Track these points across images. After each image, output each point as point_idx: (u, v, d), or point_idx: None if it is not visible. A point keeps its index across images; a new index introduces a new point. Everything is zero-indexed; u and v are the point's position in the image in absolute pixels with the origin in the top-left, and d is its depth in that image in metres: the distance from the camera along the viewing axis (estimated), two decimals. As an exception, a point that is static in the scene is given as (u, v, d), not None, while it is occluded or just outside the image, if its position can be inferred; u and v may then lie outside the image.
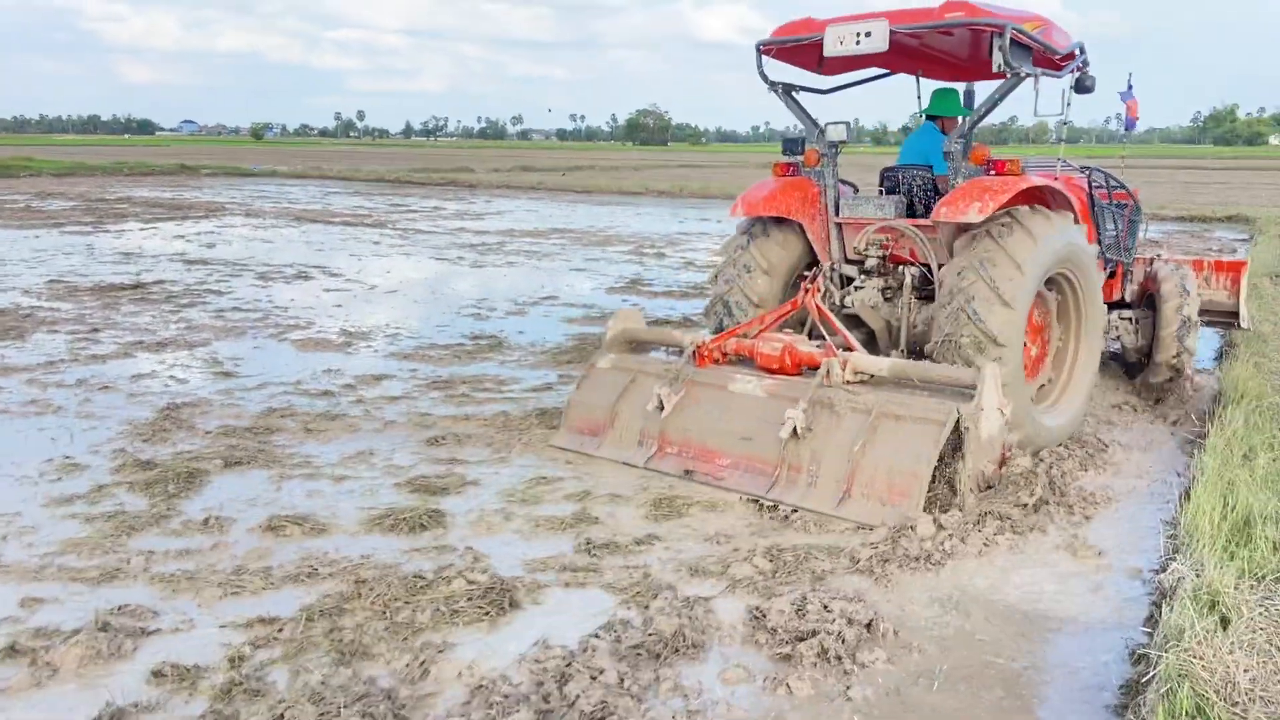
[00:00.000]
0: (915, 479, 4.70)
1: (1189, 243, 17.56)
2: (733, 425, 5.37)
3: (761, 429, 5.23)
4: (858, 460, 4.87)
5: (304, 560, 4.28)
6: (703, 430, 5.47)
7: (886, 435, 4.89)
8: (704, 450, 5.44)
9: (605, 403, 5.85)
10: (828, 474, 4.94)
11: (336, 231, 19.52)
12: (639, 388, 5.81)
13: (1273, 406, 6.11)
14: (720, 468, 5.32)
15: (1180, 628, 3.33)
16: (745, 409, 5.40)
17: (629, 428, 5.73)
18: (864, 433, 4.92)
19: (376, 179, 40.63)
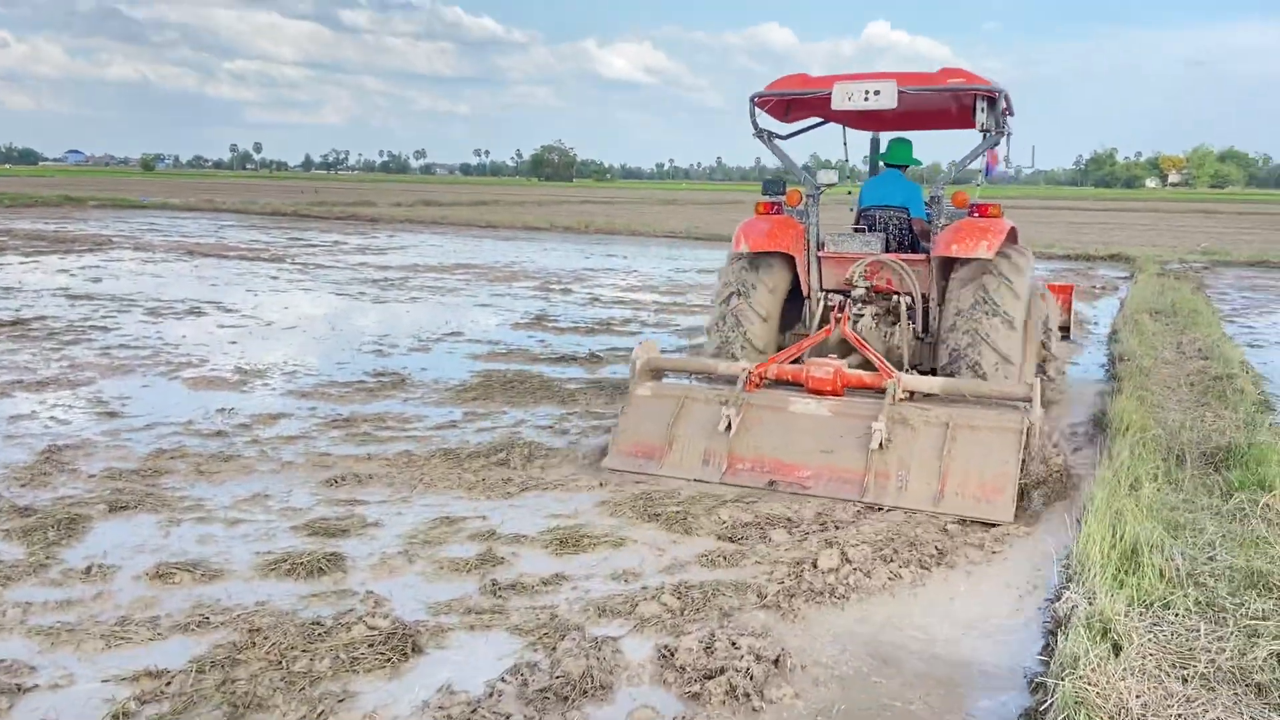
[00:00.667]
0: (1007, 479, 5.42)
1: (1074, 280, 18.38)
2: (806, 441, 5.89)
3: (840, 443, 5.80)
4: (947, 465, 5.52)
5: (194, 609, 4.09)
6: (775, 447, 5.93)
7: (968, 443, 5.58)
8: (780, 464, 5.88)
9: (658, 427, 6.21)
10: (918, 478, 5.56)
11: (231, 266, 18.97)
12: (691, 412, 6.22)
13: (1155, 438, 6.40)
14: (804, 478, 5.79)
15: (1075, 655, 3.43)
16: (815, 427, 5.94)
17: (691, 449, 6.09)
18: (946, 442, 5.58)
19: (274, 212, 39.70)
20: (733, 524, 5.23)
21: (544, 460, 6.43)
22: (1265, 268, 21.81)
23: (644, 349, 6.71)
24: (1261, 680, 3.41)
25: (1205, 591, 4.15)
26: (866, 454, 5.70)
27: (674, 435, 6.16)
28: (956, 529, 5.21)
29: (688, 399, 6.32)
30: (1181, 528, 4.91)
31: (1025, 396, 5.84)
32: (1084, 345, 11.59)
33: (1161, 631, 3.74)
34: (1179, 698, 3.24)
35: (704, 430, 6.12)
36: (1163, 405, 7.59)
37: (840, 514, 5.40)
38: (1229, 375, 8.54)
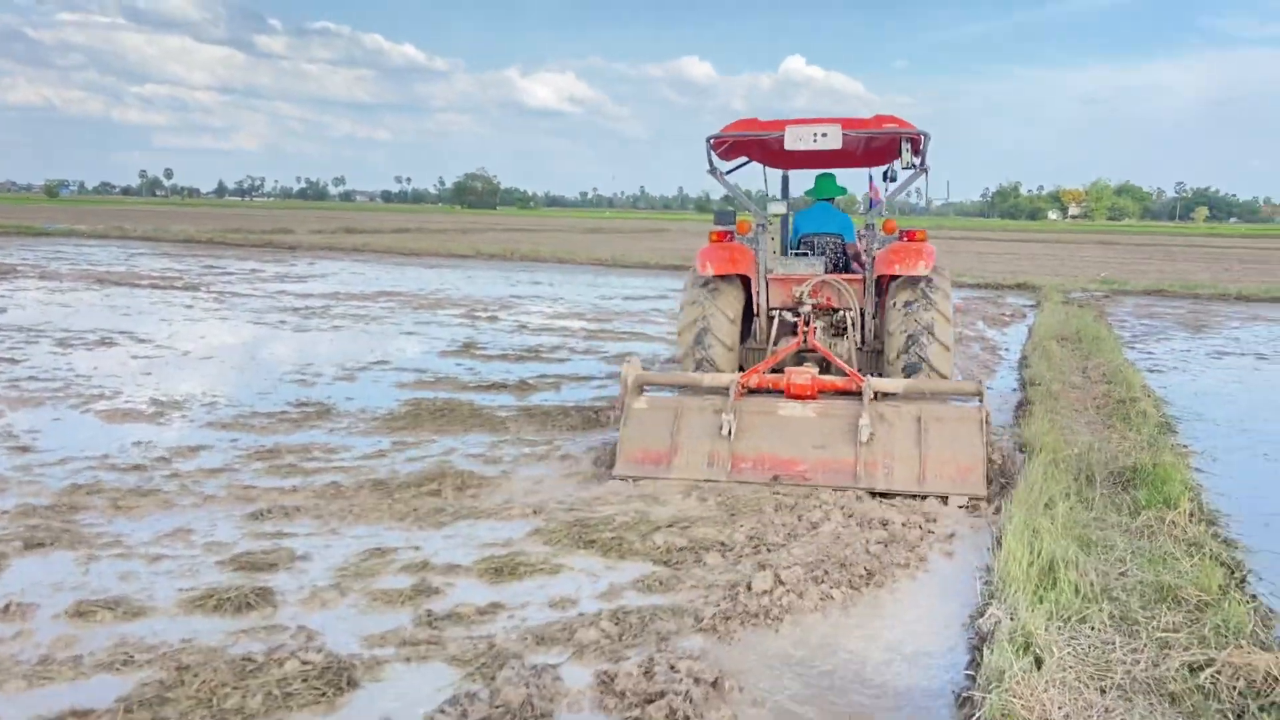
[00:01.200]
0: (977, 459, 6.31)
1: (985, 307, 19.03)
2: (800, 439, 6.57)
3: (830, 439, 6.53)
4: (925, 453, 6.35)
5: (118, 647, 3.97)
6: (773, 445, 6.58)
7: (939, 433, 6.42)
8: (780, 460, 6.54)
9: (661, 435, 6.71)
10: (902, 465, 6.36)
11: (144, 295, 18.43)
12: (689, 420, 6.75)
13: (1067, 459, 6.67)
14: (803, 471, 6.46)
15: (1000, 669, 3.57)
16: (805, 427, 6.64)
17: (695, 452, 6.63)
18: (921, 433, 6.41)
19: (187, 239, 38.68)
20: (667, 549, 5.28)
21: (476, 489, 6.41)
22: (1161, 296, 22.86)
23: (631, 367, 7.09)
24: (1175, 690, 3.59)
25: (1119, 605, 4.34)
26: (855, 447, 6.44)
27: (678, 442, 6.66)
28: (881, 549, 5.35)
29: (683, 409, 6.84)
30: (1094, 544, 5.14)
31: (976, 391, 6.83)
32: (997, 370, 12.00)
33: (1079, 645, 3.90)
34: (1098, 708, 3.39)
35: (705, 435, 6.66)
36: (1072, 427, 7.91)
37: (772, 536, 5.50)
38: (1132, 399, 8.94)
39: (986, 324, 16.79)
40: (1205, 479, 6.88)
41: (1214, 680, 3.62)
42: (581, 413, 8.64)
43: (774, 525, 5.68)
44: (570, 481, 6.67)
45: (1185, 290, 23.38)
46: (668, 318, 16.04)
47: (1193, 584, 4.52)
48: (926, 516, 5.98)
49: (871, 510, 5.97)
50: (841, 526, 5.69)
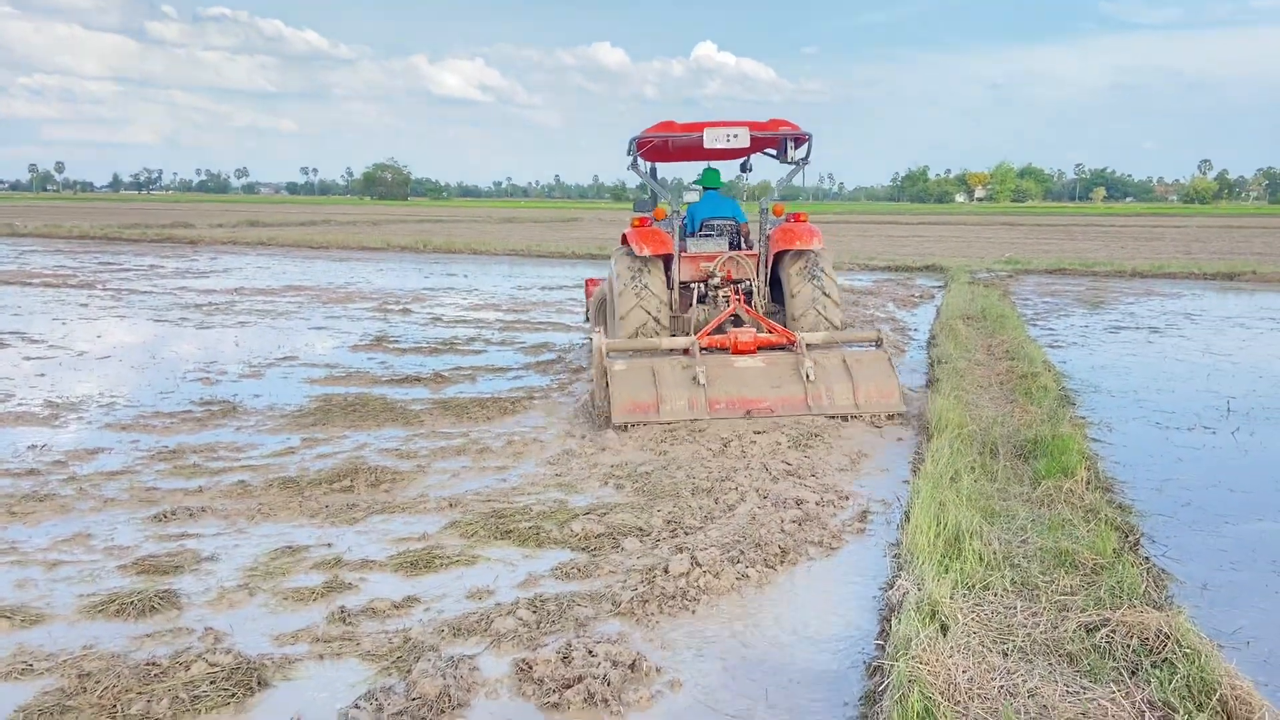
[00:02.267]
0: (893, 385, 8.22)
1: (895, 289, 19.48)
2: (759, 382, 8.12)
3: (782, 380, 8.14)
4: (855, 384, 8.12)
5: (16, 656, 3.83)
6: (739, 389, 8.05)
7: (861, 369, 8.25)
8: (747, 400, 8.02)
9: (646, 389, 7.92)
10: (840, 394, 8.10)
11: (35, 294, 17.66)
12: (664, 374, 8.04)
13: (971, 434, 6.88)
14: (769, 406, 7.99)
15: (907, 638, 3.67)
16: (759, 373, 8.21)
17: (677, 399, 7.89)
18: (848, 370, 8.21)
19: (81, 235, 37.16)
20: (585, 536, 5.29)
21: (390, 484, 6.32)
22: (1061, 275, 23.69)
23: (599, 338, 8.16)
24: (1073, 650, 3.74)
25: (1020, 572, 4.50)
26: (803, 384, 8.11)
27: (661, 393, 7.90)
28: (795, 528, 5.44)
29: (658, 366, 8.13)
30: (997, 515, 5.31)
31: (876, 339, 8.85)
32: (906, 349, 12.30)
33: (983, 610, 4.04)
34: (1000, 670, 3.51)
35: (682, 385, 7.98)
36: (977, 403, 8.15)
37: (690, 520, 5.55)
38: (1034, 374, 9.26)
39: (897, 305, 17.18)
40: (1102, 449, 7.17)
41: (1109, 639, 3.78)
42: (498, 404, 8.58)
43: (691, 509, 5.74)
44: (486, 474, 6.63)
45: (1084, 268, 24.27)
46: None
47: (1089, 549, 4.71)
48: (840, 495, 6.11)
49: (786, 491, 6.07)
50: (757, 508, 5.78)
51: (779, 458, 6.87)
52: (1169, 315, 15.70)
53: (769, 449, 7.09)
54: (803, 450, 7.12)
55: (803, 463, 6.77)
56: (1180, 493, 6.23)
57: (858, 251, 30.09)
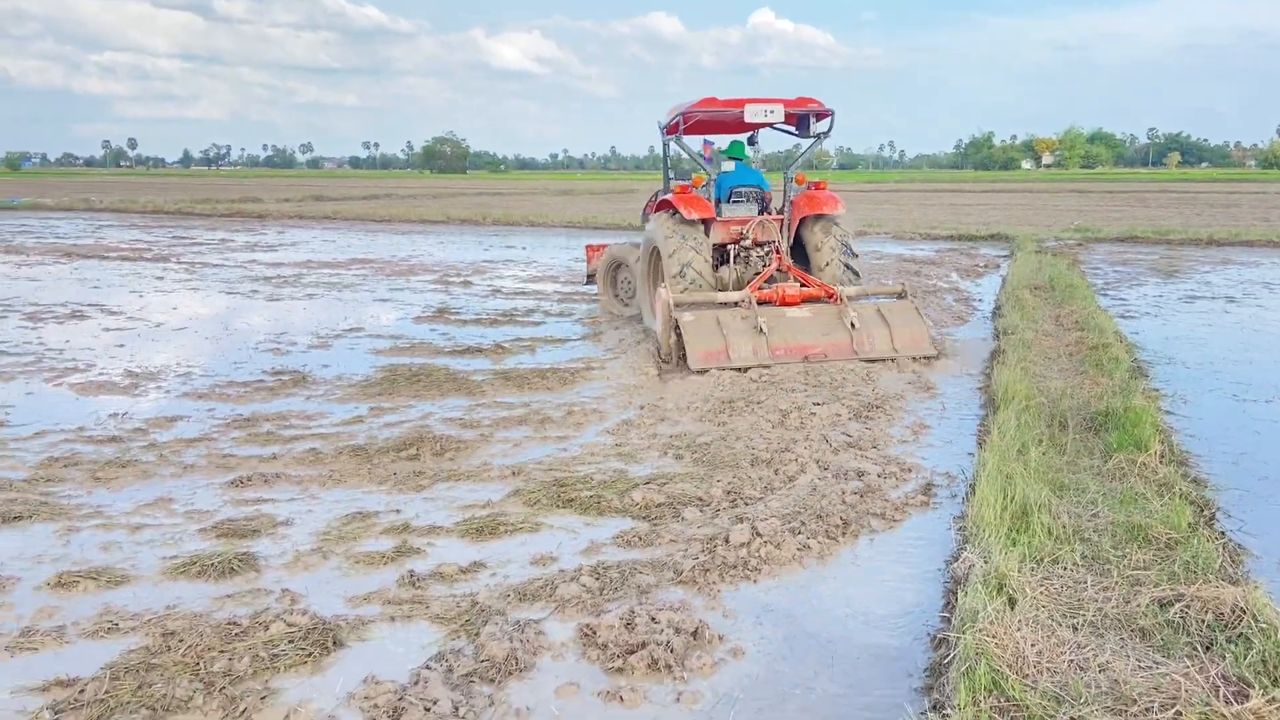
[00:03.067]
0: (924, 332, 9.23)
1: (958, 259, 19.12)
2: (810, 330, 9.02)
3: (829, 329, 9.05)
4: (891, 331, 9.07)
5: (102, 616, 3.99)
6: (795, 337, 8.94)
7: (895, 317, 9.21)
8: (803, 346, 8.90)
9: (714, 338, 8.74)
10: (879, 340, 9.04)
11: (113, 267, 18.21)
12: (729, 325, 8.84)
13: (1038, 406, 6.76)
14: (821, 351, 8.90)
15: (974, 610, 3.64)
16: (809, 323, 9.09)
17: (742, 346, 8.73)
18: (884, 319, 9.18)
19: (155, 210, 38.15)
20: (645, 505, 5.34)
21: (455, 453, 6.42)
22: (1133, 243, 23.04)
23: (667, 292, 8.99)
24: (1145, 625, 3.68)
25: (1091, 546, 4.44)
26: (849, 332, 8.99)
27: (728, 341, 8.71)
28: (857, 500, 5.42)
29: (722, 317, 8.91)
30: (1066, 488, 5.23)
31: (900, 291, 9.78)
32: (970, 320, 12.10)
33: (1052, 584, 3.99)
34: (1070, 644, 3.47)
35: (745, 334, 8.81)
36: (1045, 375, 8.01)
37: (749, 490, 5.56)
38: (1104, 345, 9.05)
39: (960, 275, 16.88)
40: (1176, 421, 7.00)
41: (1183, 614, 3.71)
42: (558, 374, 8.65)
43: (751, 479, 5.75)
44: (547, 443, 6.70)
45: (1158, 236, 23.56)
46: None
47: (1163, 523, 4.62)
48: (902, 467, 6.07)
49: (847, 462, 6.05)
50: (818, 479, 5.76)
51: (839, 429, 6.84)
52: (1246, 284, 15.19)
53: (829, 420, 7.05)
54: (863, 422, 7.07)
55: (864, 434, 6.73)
56: (1257, 466, 6.06)
57: (919, 221, 29.59)
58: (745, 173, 10.69)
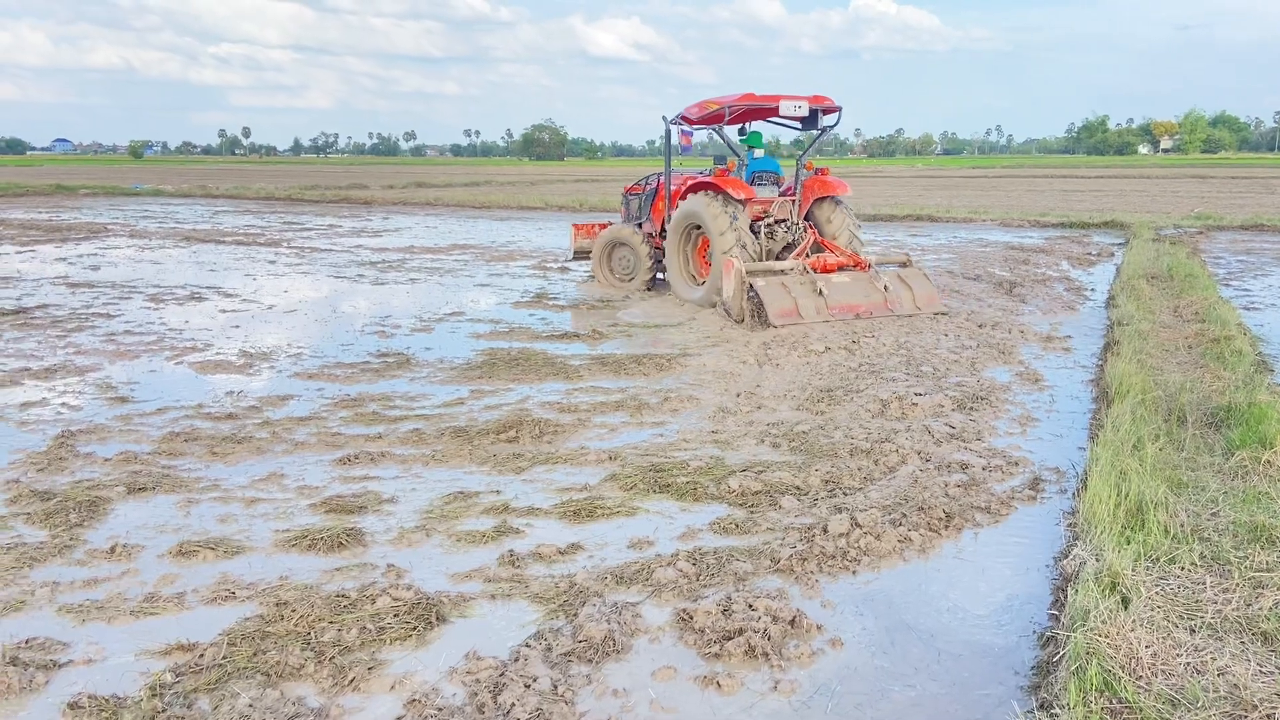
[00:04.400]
0: (934, 292, 10.84)
1: (1069, 247, 18.46)
2: (854, 293, 10.40)
3: (867, 292, 10.48)
4: (912, 291, 10.64)
5: (220, 584, 4.17)
6: (844, 298, 10.29)
7: (913, 282, 10.80)
8: (852, 305, 10.27)
9: (786, 299, 10.04)
10: (904, 300, 10.53)
11: (228, 251, 18.97)
12: (794, 288, 10.17)
13: (1155, 400, 6.49)
14: (866, 309, 10.28)
15: (1085, 609, 3.52)
16: (850, 286, 10.45)
17: (807, 307, 10.04)
18: (904, 283, 10.71)
19: (267, 197, 39.58)
20: (742, 492, 5.31)
21: (552, 436, 6.50)
22: (1259, 231, 21.88)
23: (740, 263, 10.24)
24: (1268, 629, 3.51)
25: (1210, 546, 4.24)
26: (883, 294, 10.46)
27: (797, 302, 10.02)
28: (960, 492, 5.30)
29: (788, 282, 10.24)
30: (1185, 485, 5.01)
31: (905, 260, 11.41)
32: (1080, 309, 11.67)
33: (1168, 585, 3.83)
34: (1187, 647, 3.33)
35: (807, 296, 10.14)
36: (1162, 368, 7.67)
37: (848, 480, 5.48)
38: (1226, 337, 8.63)
39: (1071, 264, 16.30)
40: (1303, 419, 6.63)
41: (1310, 621, 3.52)
42: (654, 360, 8.67)
43: (850, 469, 5.67)
44: (644, 429, 6.73)
45: (1284, 225, 22.31)
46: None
47: (1288, 525, 4.38)
48: (1008, 460, 5.90)
49: (950, 454, 5.91)
50: (919, 470, 5.65)
51: (942, 420, 6.68)
52: (1386, 276, 14.25)
53: (931, 410, 6.90)
54: (967, 413, 6.89)
55: (967, 426, 6.56)
56: (1396, 469, 5.69)
57: (1028, 208, 28.66)
58: (765, 159, 12.20)
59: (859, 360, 8.54)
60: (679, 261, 11.85)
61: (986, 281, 13.66)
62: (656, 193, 12.89)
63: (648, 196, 13.12)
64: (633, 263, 12.96)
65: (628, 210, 13.69)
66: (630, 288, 12.87)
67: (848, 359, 8.62)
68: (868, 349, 8.96)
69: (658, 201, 12.84)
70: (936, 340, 9.41)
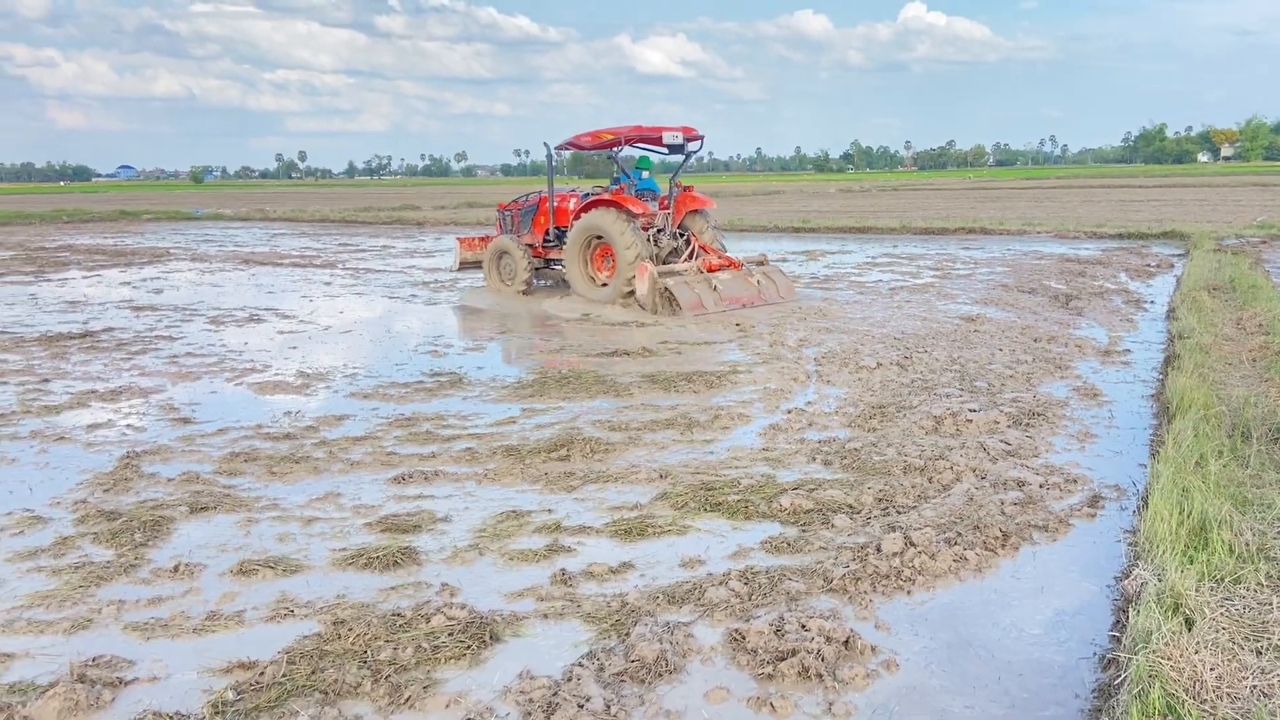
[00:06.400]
0: (790, 283, 13.85)
1: (1127, 259, 18.10)
2: (737, 288, 12.97)
3: (744, 286, 13.06)
4: (775, 285, 13.31)
5: (279, 603, 4.25)
6: (732, 292, 12.86)
7: (775, 276, 13.55)
8: (738, 297, 12.81)
9: (692, 294, 12.42)
10: (771, 291, 13.18)
11: (286, 273, 19.36)
12: (695, 284, 12.62)
13: (1218, 415, 6.33)
14: (747, 300, 12.84)
15: (1147, 630, 3.45)
16: (733, 282, 13.04)
17: (708, 300, 12.51)
18: (771, 278, 13.37)
19: (322, 219, 40.34)
20: (794, 510, 5.29)
21: (603, 454, 6.53)
22: (1327, 240, 21.24)
23: (651, 266, 12.53)
24: (1339, 652, 3.39)
25: (1277, 565, 4.12)
26: (756, 287, 13.11)
27: (700, 296, 12.48)
28: (1017, 510, 5.21)
29: (691, 279, 12.68)
30: (1250, 503, 4.88)
31: (761, 259, 14.26)
32: (1138, 322, 11.44)
33: (1234, 606, 3.73)
34: (1254, 670, 3.24)
35: (707, 290, 12.65)
36: (1224, 382, 7.49)
37: (901, 499, 5.43)
38: (1293, 350, 8.38)
39: (1130, 276, 15.99)
40: (1376, 434, 6.42)
41: (1385, 645, 3.40)
42: (703, 378, 8.67)
43: (903, 487, 5.61)
44: (694, 446, 6.73)
45: (1353, 233, 21.64)
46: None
47: (1361, 544, 4.24)
48: (1066, 477, 5.80)
49: (1006, 471, 5.83)
50: (975, 488, 5.58)
51: (997, 437, 6.59)
52: None
53: (986, 427, 6.81)
54: (1024, 429, 6.79)
55: (1024, 442, 6.46)
56: None
57: (1084, 218, 28.17)
58: (649, 180, 14.53)
59: (911, 376, 8.46)
60: (579, 267, 13.69)
61: (1042, 294, 13.45)
62: (537, 208, 14.99)
63: (527, 212, 15.17)
64: (513, 268, 14.76)
65: (504, 224, 15.65)
66: (513, 289, 14.74)
67: (899, 375, 8.54)
68: (920, 364, 8.88)
69: (538, 216, 14.93)
70: (991, 355, 9.29)
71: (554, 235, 14.56)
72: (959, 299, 13.31)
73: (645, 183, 14.35)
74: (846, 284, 15.47)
